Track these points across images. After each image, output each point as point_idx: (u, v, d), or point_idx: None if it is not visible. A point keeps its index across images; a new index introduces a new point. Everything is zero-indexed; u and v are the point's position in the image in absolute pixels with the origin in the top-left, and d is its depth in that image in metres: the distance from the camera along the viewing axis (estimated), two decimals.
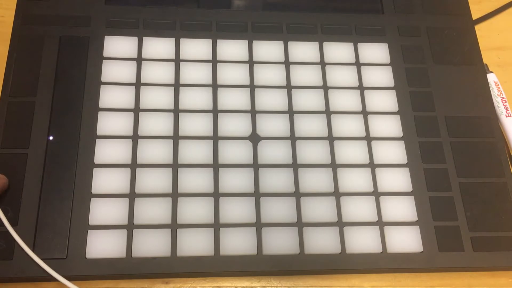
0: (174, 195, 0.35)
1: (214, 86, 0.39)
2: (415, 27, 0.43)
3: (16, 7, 0.40)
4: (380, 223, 0.35)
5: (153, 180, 0.35)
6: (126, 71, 0.38)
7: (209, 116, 0.38)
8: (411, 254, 0.35)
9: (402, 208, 0.36)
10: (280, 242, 0.34)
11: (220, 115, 0.38)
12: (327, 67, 0.40)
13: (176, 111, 0.37)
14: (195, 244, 0.33)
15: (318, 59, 0.41)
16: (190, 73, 0.39)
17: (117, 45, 0.39)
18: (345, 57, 0.41)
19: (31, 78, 0.37)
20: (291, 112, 0.38)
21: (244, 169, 0.36)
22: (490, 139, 0.39)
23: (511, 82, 0.44)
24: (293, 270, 0.34)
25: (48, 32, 0.39)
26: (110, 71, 0.38)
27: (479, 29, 0.45)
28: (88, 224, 0.33)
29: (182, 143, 0.36)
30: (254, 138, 0.37)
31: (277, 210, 0.35)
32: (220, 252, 0.33)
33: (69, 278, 0.33)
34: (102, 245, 0.33)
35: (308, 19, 0.42)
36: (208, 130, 0.37)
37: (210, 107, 0.38)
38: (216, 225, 0.34)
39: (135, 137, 0.36)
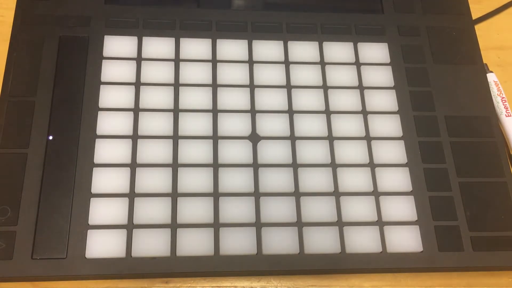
0: (174, 195, 0.35)
1: (214, 85, 0.39)
2: (415, 27, 0.43)
3: (16, 7, 0.40)
4: (380, 223, 0.35)
5: (153, 180, 0.35)
6: (126, 71, 0.38)
7: (209, 116, 0.38)
8: (411, 254, 0.35)
9: (402, 208, 0.36)
10: (280, 242, 0.34)
11: (220, 114, 0.38)
12: (327, 66, 0.40)
13: (176, 111, 0.37)
14: (195, 244, 0.33)
15: (318, 59, 0.41)
16: (190, 72, 0.39)
17: (117, 45, 0.39)
18: (345, 57, 0.41)
19: (31, 78, 0.37)
20: (291, 112, 0.38)
21: (244, 169, 0.36)
22: (490, 139, 0.39)
23: (511, 82, 0.44)
24: (293, 270, 0.34)
25: (48, 32, 0.39)
26: (110, 71, 0.38)
27: (479, 28, 0.45)
28: (88, 224, 0.33)
29: (182, 143, 0.36)
30: (254, 138, 0.37)
31: (277, 210, 0.35)
32: (220, 252, 0.33)
33: (69, 278, 0.33)
34: (102, 245, 0.33)
35: (308, 18, 0.42)
36: (208, 130, 0.37)
37: (210, 107, 0.38)
38: (216, 225, 0.34)
39: (135, 137, 0.36)
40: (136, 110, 0.37)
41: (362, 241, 0.35)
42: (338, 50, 0.41)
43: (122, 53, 0.39)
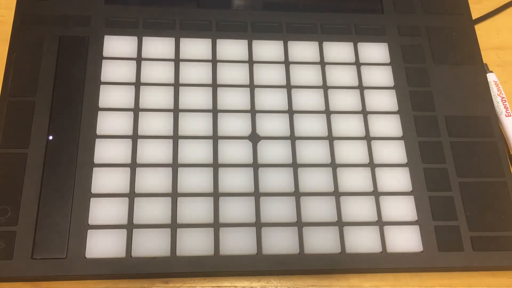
0: (174, 195, 0.35)
1: (214, 85, 0.39)
2: (415, 26, 0.43)
3: (16, 6, 0.40)
4: (380, 223, 0.35)
5: (153, 180, 0.35)
6: (126, 71, 0.38)
7: (209, 115, 0.38)
8: (411, 254, 0.35)
9: (402, 208, 0.36)
10: (280, 242, 0.34)
11: (220, 114, 0.38)
12: (327, 66, 0.40)
13: (176, 110, 0.37)
14: (194, 244, 0.33)
15: (318, 59, 0.41)
16: (190, 72, 0.39)
17: (117, 45, 0.39)
18: (345, 57, 0.41)
19: (31, 78, 0.37)
20: (291, 111, 0.38)
21: (244, 168, 0.36)
22: (490, 139, 0.39)
23: (511, 82, 0.44)
24: (293, 270, 0.34)
25: (48, 32, 0.39)
26: (110, 70, 0.38)
27: (479, 28, 0.45)
28: (88, 224, 0.33)
29: (182, 143, 0.36)
30: (254, 138, 0.37)
31: (277, 210, 0.35)
32: (220, 252, 0.33)
33: (68, 278, 0.33)
34: (102, 245, 0.33)
35: (308, 18, 0.42)
36: (208, 130, 0.37)
37: (210, 106, 0.38)
38: (216, 225, 0.34)
39: (135, 137, 0.36)
40: (136, 110, 0.37)
41: (362, 241, 0.35)
42: (338, 50, 0.41)
43: (122, 53, 0.39)
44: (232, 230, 0.34)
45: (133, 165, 0.35)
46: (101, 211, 0.34)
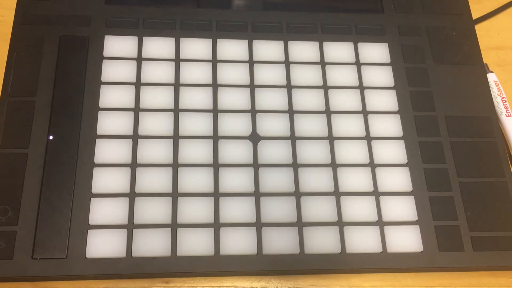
0: (174, 195, 0.35)
1: (214, 85, 0.39)
2: (415, 26, 0.43)
3: (16, 7, 0.40)
4: (380, 223, 0.35)
5: (153, 180, 0.35)
6: (126, 71, 0.38)
7: (209, 115, 0.38)
8: (411, 254, 0.35)
9: (402, 208, 0.36)
10: (280, 242, 0.34)
11: (220, 114, 0.38)
12: (327, 66, 0.40)
13: (176, 110, 0.37)
14: (195, 243, 0.33)
15: (318, 59, 0.41)
16: (190, 72, 0.39)
17: (117, 45, 0.39)
18: (345, 57, 0.41)
19: (31, 78, 0.37)
20: (291, 111, 0.38)
21: (244, 168, 0.36)
22: (490, 139, 0.39)
23: (511, 82, 0.44)
24: (293, 270, 0.34)
25: (48, 32, 0.39)
26: (110, 70, 0.38)
27: (479, 28, 0.45)
28: (88, 224, 0.33)
29: (182, 143, 0.36)
30: (254, 138, 0.37)
31: (277, 209, 0.35)
32: (220, 252, 0.33)
33: (69, 278, 0.33)
34: (102, 245, 0.33)
35: (308, 18, 0.42)
36: (208, 130, 0.37)
37: (210, 106, 0.38)
38: (216, 225, 0.34)
39: (135, 137, 0.36)
40: (136, 110, 0.37)
41: (362, 241, 0.35)
42: (338, 50, 0.41)
43: (122, 53, 0.39)
44: (233, 230, 0.34)
45: (134, 165, 0.35)
46: (102, 211, 0.34)
